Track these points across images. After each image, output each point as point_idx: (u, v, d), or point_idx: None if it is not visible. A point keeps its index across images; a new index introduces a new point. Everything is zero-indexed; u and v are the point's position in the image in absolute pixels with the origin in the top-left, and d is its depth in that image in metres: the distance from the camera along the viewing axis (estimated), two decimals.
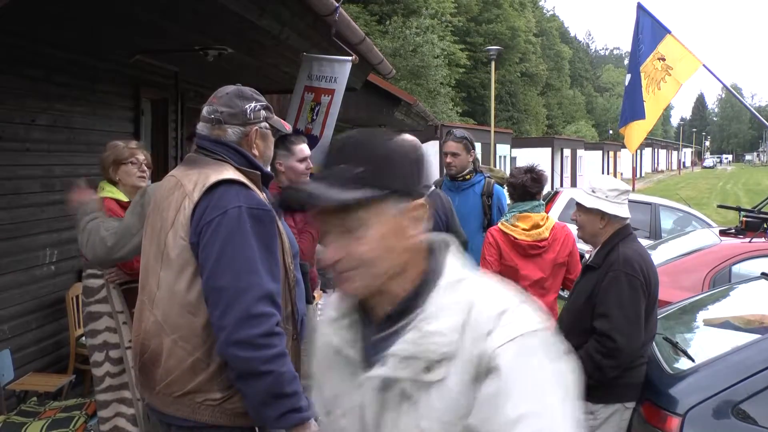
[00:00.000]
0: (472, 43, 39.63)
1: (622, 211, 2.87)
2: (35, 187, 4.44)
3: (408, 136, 2.94)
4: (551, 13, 75.81)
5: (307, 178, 3.31)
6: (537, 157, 26.61)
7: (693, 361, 2.70)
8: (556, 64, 61.48)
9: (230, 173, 1.89)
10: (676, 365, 2.75)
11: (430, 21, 29.69)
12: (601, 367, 2.66)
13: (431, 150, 20.30)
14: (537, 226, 3.47)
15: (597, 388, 2.71)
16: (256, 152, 2.01)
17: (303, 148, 3.36)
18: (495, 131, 21.12)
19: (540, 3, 67.65)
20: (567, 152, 36.23)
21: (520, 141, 33.10)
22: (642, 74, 5.73)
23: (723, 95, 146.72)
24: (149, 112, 6.00)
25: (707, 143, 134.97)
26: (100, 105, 5.19)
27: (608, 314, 2.68)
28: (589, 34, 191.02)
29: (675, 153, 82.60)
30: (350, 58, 4.95)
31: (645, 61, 5.77)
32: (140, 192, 2.77)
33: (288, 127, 2.15)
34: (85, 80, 5.00)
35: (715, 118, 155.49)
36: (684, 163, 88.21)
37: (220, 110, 1.98)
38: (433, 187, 3.94)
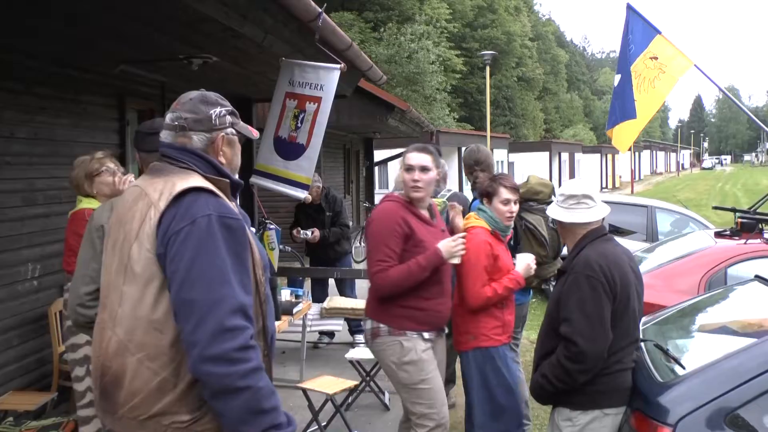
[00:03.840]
0: (468, 48, 39.68)
1: (568, 216, 2.83)
2: (16, 201, 4.37)
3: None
4: (547, 17, 76.11)
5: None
6: (535, 162, 26.58)
7: (684, 368, 2.60)
8: (552, 68, 61.57)
9: (198, 181, 1.81)
10: (667, 373, 2.65)
11: (425, 27, 29.72)
12: (569, 372, 2.63)
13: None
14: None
15: (574, 394, 2.68)
16: (223, 159, 1.93)
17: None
18: (492, 136, 21.08)
19: (535, 7, 67.88)
20: (565, 156, 36.22)
21: (517, 146, 33.08)
22: (633, 74, 5.67)
23: (720, 96, 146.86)
24: (135, 122, 5.94)
25: (705, 144, 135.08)
26: (83, 116, 5.13)
27: (569, 318, 2.64)
28: (585, 38, 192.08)
29: (673, 155, 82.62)
30: (338, 66, 4.87)
31: (635, 60, 5.70)
32: (89, 218, 2.73)
33: (255, 134, 2.05)
34: (68, 92, 4.94)
35: (713, 120, 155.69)
36: (683, 164, 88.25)
37: (185, 116, 1.90)
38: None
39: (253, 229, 6.87)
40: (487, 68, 19.78)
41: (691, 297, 4.50)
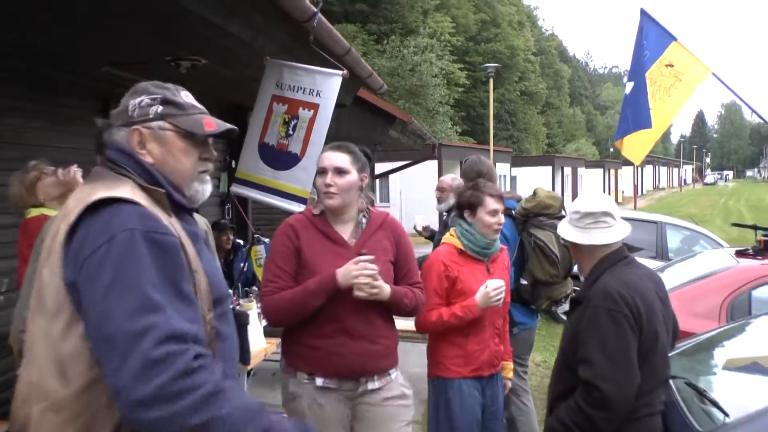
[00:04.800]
0: (471, 62, 39.53)
1: (585, 237, 2.46)
2: None
3: None
4: (550, 32, 76.22)
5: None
6: (537, 176, 26.36)
7: (726, 415, 2.24)
8: (555, 83, 61.53)
9: (126, 191, 1.45)
10: (706, 421, 2.29)
11: (429, 40, 29.59)
12: (593, 420, 2.24)
13: (431, 169, 19.90)
14: None
15: None
16: (149, 159, 1.55)
17: None
18: (494, 150, 20.80)
19: (539, 22, 68.00)
20: (567, 171, 35.94)
21: (520, 160, 32.81)
22: (648, 80, 5.33)
23: (723, 112, 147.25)
24: None
25: (708, 160, 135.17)
26: (61, 120, 4.81)
27: (589, 359, 2.25)
28: (588, 53, 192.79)
29: (676, 170, 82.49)
30: (339, 72, 4.55)
31: (650, 67, 5.38)
32: (42, 230, 2.43)
33: (212, 127, 1.60)
34: (44, 93, 4.63)
35: (714, 135, 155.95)
36: (685, 180, 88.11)
37: (112, 112, 1.61)
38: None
39: (241, 242, 6.53)
40: (491, 81, 19.53)
41: (711, 322, 4.15)
